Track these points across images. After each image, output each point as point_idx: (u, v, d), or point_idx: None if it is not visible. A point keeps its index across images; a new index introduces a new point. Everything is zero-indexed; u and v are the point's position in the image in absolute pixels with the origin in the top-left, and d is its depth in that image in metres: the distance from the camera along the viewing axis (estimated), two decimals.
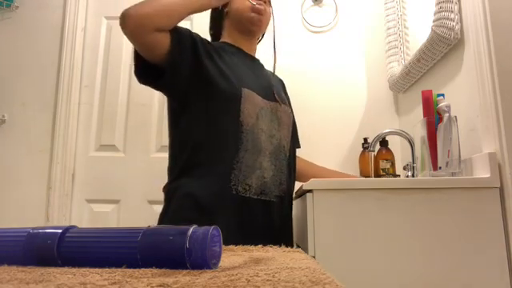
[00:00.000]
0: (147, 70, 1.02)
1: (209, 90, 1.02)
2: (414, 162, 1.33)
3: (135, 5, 0.97)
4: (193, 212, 0.96)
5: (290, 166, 1.13)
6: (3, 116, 1.92)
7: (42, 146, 1.90)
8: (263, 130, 1.05)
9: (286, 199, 1.11)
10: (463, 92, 1.16)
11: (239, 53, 1.17)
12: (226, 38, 1.21)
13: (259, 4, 1.15)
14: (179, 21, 1.02)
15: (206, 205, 0.96)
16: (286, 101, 1.22)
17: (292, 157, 1.17)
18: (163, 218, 1.02)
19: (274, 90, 1.16)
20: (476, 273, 0.90)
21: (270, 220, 1.04)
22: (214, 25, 1.26)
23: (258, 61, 1.23)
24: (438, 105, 1.09)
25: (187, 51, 1.02)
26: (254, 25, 1.16)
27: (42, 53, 1.98)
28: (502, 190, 0.94)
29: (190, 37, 1.05)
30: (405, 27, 1.76)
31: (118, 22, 0.97)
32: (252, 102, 1.04)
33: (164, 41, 0.98)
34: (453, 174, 1.04)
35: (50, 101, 1.93)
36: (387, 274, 0.92)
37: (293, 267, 0.36)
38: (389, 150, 1.59)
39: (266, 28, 1.22)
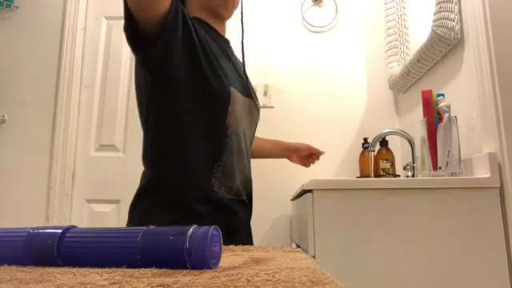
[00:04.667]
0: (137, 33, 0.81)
1: (199, 87, 0.88)
2: (413, 162, 1.33)
3: None
4: (164, 211, 0.88)
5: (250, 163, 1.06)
6: (3, 116, 1.93)
7: (42, 146, 1.90)
8: (244, 132, 0.98)
9: (251, 196, 1.03)
10: (463, 92, 1.16)
11: (217, 37, 1.00)
12: (193, 14, 1.00)
13: None
14: None
15: (183, 206, 0.87)
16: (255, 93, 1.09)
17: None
18: (132, 215, 0.91)
19: (249, 84, 1.04)
20: (476, 272, 0.90)
21: (247, 218, 0.98)
22: None
23: (229, 43, 1.06)
24: (438, 105, 1.09)
25: (179, 23, 0.82)
26: (226, 8, 0.99)
27: (42, 53, 1.98)
28: (502, 190, 0.94)
29: (182, 12, 0.85)
30: (405, 27, 1.76)
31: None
32: (237, 103, 0.94)
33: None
34: (453, 174, 1.04)
35: (50, 101, 1.94)
36: (387, 274, 0.92)
37: (293, 267, 0.36)
38: (389, 150, 1.59)
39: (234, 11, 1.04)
